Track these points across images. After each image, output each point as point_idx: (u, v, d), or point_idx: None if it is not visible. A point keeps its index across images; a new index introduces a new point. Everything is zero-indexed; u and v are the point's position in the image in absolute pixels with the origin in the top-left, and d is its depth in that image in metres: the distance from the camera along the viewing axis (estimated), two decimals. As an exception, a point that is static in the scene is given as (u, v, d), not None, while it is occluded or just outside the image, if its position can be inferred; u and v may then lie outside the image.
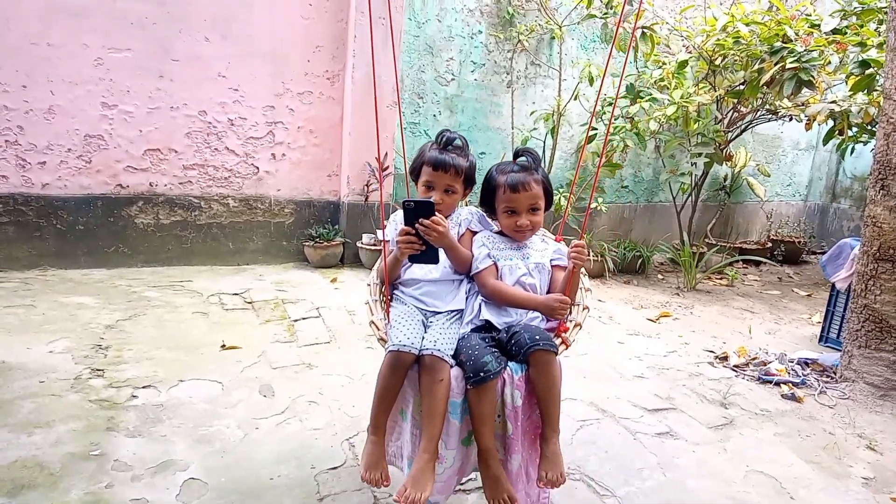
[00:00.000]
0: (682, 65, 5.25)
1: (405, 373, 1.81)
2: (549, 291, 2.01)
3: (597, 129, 5.43)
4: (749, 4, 5.23)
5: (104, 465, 2.11)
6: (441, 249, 1.94)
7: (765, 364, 3.54)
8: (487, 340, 1.86)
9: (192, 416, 2.50)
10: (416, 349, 1.79)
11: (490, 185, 2.08)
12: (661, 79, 5.34)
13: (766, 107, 5.57)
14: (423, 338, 1.85)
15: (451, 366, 1.79)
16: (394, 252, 2.02)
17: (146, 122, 4.40)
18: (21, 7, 3.94)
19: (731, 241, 7.12)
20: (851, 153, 5.85)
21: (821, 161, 8.32)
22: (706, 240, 6.63)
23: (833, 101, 4.81)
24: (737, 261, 6.37)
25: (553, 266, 2.07)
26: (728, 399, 3.08)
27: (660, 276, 5.91)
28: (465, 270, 2.06)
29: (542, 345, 1.75)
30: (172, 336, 3.31)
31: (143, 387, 2.71)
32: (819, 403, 3.13)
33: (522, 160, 2.07)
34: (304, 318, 3.75)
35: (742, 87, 5.17)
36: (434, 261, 1.93)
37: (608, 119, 5.38)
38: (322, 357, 3.22)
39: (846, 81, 4.56)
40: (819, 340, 4.15)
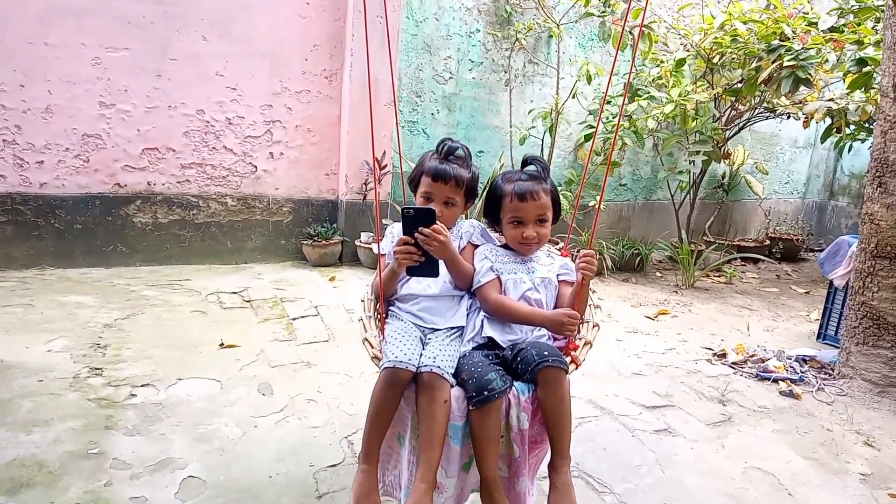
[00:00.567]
0: (680, 63, 5.26)
1: (402, 392, 1.67)
2: (557, 307, 1.91)
3: (594, 127, 5.43)
4: (746, 2, 5.22)
5: (103, 464, 2.11)
6: (441, 262, 1.84)
7: (763, 361, 3.54)
8: (491, 358, 1.75)
9: (191, 415, 2.50)
10: (414, 366, 1.66)
11: (495, 194, 1.98)
12: (659, 77, 5.35)
13: (764, 105, 5.57)
14: (422, 355, 1.72)
15: (452, 385, 1.67)
16: (390, 265, 1.90)
17: (144, 122, 4.40)
18: (19, 7, 3.93)
19: (730, 239, 7.13)
20: (849, 151, 5.86)
21: (818, 159, 8.33)
22: (704, 237, 6.63)
23: (830, 99, 4.81)
24: (735, 258, 6.37)
25: (560, 281, 1.97)
26: (726, 396, 3.09)
27: (658, 274, 5.91)
28: (467, 285, 1.95)
29: (552, 361, 1.63)
30: (171, 335, 3.31)
31: (142, 385, 2.71)
32: (817, 400, 3.13)
33: (531, 168, 1.97)
34: (303, 317, 3.75)
35: (740, 85, 5.17)
36: (434, 274, 1.82)
37: (608, 117, 5.38)
38: (321, 355, 3.23)
39: (843, 79, 4.57)
40: (817, 337, 4.15)
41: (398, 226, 1.80)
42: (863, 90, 4.42)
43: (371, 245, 4.91)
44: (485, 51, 5.52)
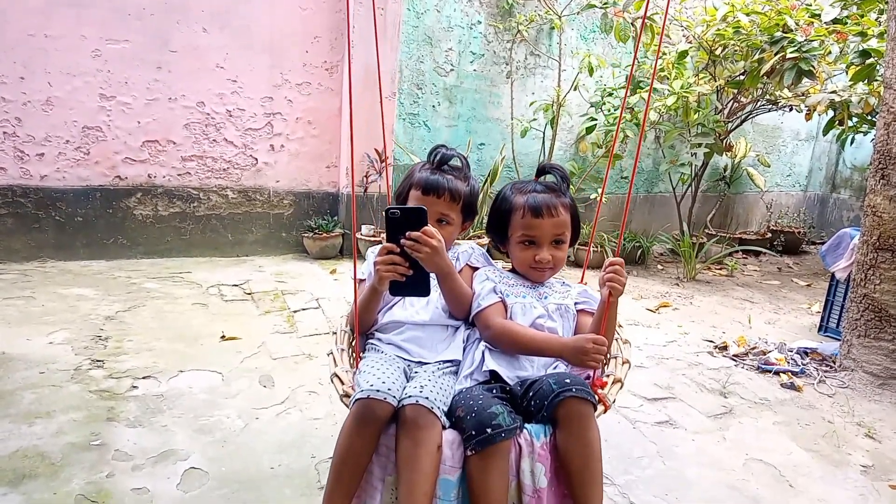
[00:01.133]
0: (683, 55, 5.23)
1: (378, 433, 1.28)
2: None
3: (596, 120, 5.41)
4: (749, -6, 5.20)
5: (105, 455, 2.11)
6: (433, 277, 1.51)
7: (764, 353, 3.54)
8: (496, 392, 1.39)
9: (193, 407, 2.50)
10: (395, 398, 1.29)
11: (504, 206, 1.66)
12: (662, 69, 5.32)
13: (767, 97, 5.55)
14: (405, 387, 1.36)
15: (444, 426, 1.29)
16: (370, 282, 1.53)
17: (144, 114, 4.39)
18: (18, -2, 3.93)
19: (731, 232, 7.11)
20: (851, 143, 5.84)
21: (821, 151, 8.31)
22: (706, 230, 6.62)
23: (833, 91, 4.79)
24: (736, 251, 6.36)
25: (579, 311, 1.65)
26: (727, 388, 3.09)
27: (659, 267, 5.91)
28: (464, 313, 1.60)
29: (576, 391, 1.27)
30: (172, 327, 3.31)
31: (143, 377, 2.71)
32: (818, 392, 3.13)
33: (549, 178, 1.67)
34: (304, 309, 3.76)
35: (742, 77, 5.15)
36: (424, 292, 1.47)
37: (609, 109, 5.36)
38: (322, 348, 3.22)
39: (846, 71, 4.54)
40: (818, 330, 4.15)
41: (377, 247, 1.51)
42: (866, 82, 4.40)
43: (372, 238, 4.90)
44: (486, 42, 5.50)
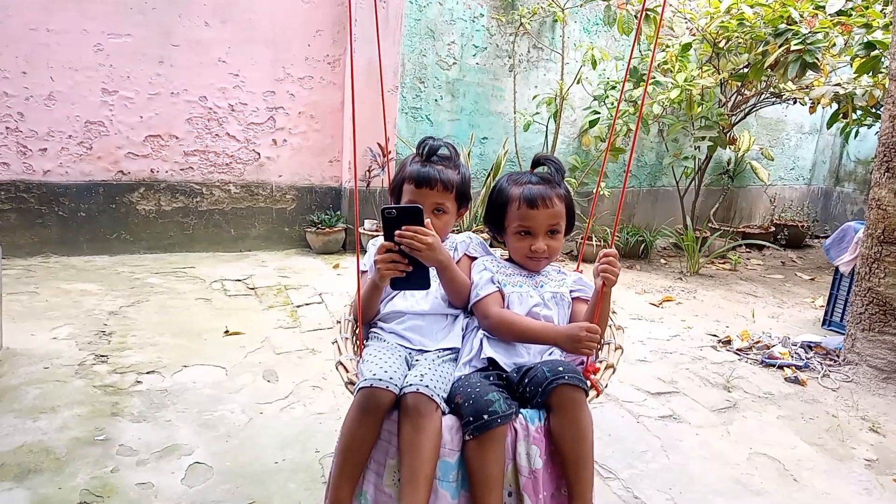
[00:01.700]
0: (686, 48, 5.21)
1: (381, 419, 1.36)
2: None
3: (599, 114, 5.40)
4: (753, -14, 5.17)
5: (109, 450, 2.12)
6: (432, 271, 1.56)
7: (768, 347, 3.54)
8: (493, 379, 1.48)
9: (197, 402, 2.51)
10: (397, 386, 1.37)
11: (500, 198, 1.72)
12: (665, 62, 5.30)
13: (771, 90, 5.53)
14: (407, 375, 1.44)
15: (444, 412, 1.37)
16: (371, 278, 1.61)
17: (147, 108, 4.38)
18: (19, -8, 3.92)
19: (735, 226, 7.11)
20: (855, 136, 5.82)
21: (825, 144, 8.27)
22: (709, 224, 6.61)
23: (838, 84, 4.77)
24: (740, 245, 6.35)
25: (574, 298, 1.71)
26: (731, 382, 3.09)
27: (663, 261, 5.90)
28: (462, 301, 1.66)
29: (569, 378, 1.34)
30: (176, 322, 3.32)
31: (148, 372, 2.71)
32: (822, 386, 3.13)
33: (543, 170, 1.73)
34: (307, 304, 3.76)
35: (746, 70, 5.13)
36: (424, 286, 1.53)
37: (612, 103, 5.34)
38: (325, 342, 3.23)
39: (851, 64, 4.52)
40: (822, 324, 4.14)
41: (380, 238, 1.54)
42: (870, 74, 4.38)
43: (375, 233, 4.90)
44: (489, 36, 5.47)
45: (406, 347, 1.61)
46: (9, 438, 2.14)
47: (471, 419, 1.31)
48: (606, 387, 1.50)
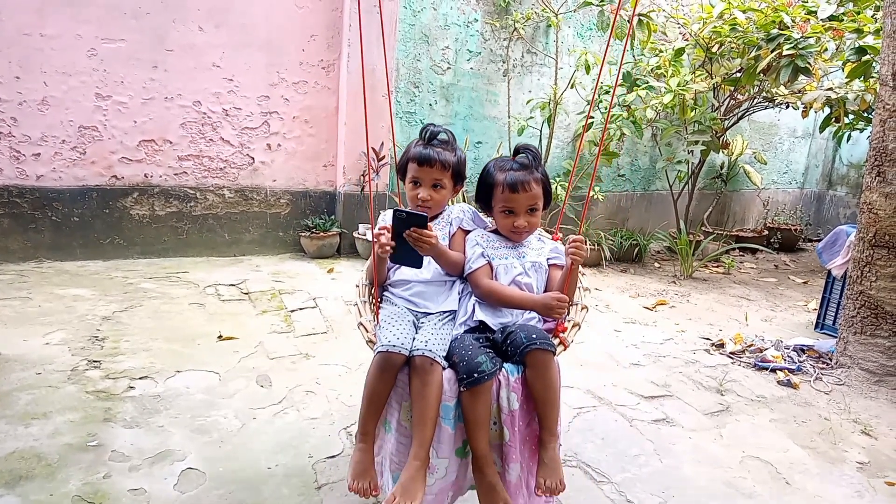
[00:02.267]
0: (679, 52, 5.23)
1: (395, 375, 1.73)
2: (547, 291, 1.95)
3: (594, 118, 5.42)
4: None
5: (102, 456, 2.11)
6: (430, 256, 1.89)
7: (761, 351, 3.55)
8: (481, 341, 1.80)
9: (190, 407, 2.50)
10: (407, 350, 1.71)
11: (487, 182, 2.02)
12: (658, 67, 5.32)
13: (763, 94, 5.56)
14: (414, 339, 1.78)
15: (444, 367, 1.72)
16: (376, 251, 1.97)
17: (140, 113, 4.38)
18: (12, -3, 3.91)
19: (728, 230, 7.13)
20: (848, 140, 5.86)
21: (817, 148, 8.32)
22: (703, 228, 6.63)
23: (830, 89, 4.80)
24: (733, 249, 6.38)
25: (550, 265, 2.02)
26: (724, 386, 3.10)
27: (656, 265, 5.91)
28: (458, 273, 2.00)
29: (539, 344, 1.69)
30: (169, 327, 3.31)
31: (140, 378, 2.71)
32: (815, 389, 3.14)
33: (522, 157, 2.00)
34: (301, 309, 3.75)
35: (739, 75, 5.15)
36: (417, 265, 1.87)
37: (605, 107, 5.36)
38: (319, 347, 3.23)
39: (843, 68, 4.55)
40: (815, 327, 4.16)
41: (390, 213, 1.86)
42: (862, 79, 4.41)
43: (369, 238, 4.90)
44: (483, 41, 5.49)
45: (412, 311, 1.94)
46: (0, 445, 2.13)
47: (464, 376, 1.66)
48: (572, 342, 1.88)
